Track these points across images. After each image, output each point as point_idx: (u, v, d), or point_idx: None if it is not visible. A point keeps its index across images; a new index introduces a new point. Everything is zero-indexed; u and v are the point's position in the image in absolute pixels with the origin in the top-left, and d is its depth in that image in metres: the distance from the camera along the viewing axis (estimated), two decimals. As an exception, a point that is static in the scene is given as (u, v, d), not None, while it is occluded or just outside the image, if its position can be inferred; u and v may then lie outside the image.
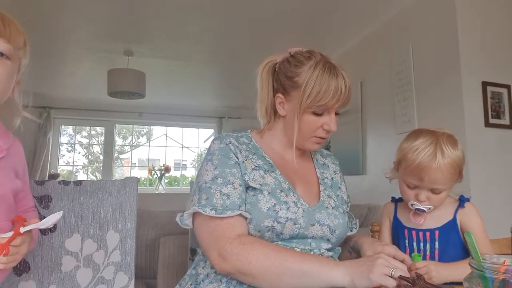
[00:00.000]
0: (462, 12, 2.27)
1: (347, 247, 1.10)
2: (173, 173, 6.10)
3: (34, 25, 3.07)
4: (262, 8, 2.85)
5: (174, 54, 3.84)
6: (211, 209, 0.90)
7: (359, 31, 3.23)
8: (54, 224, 0.67)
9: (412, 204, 1.02)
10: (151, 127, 6.55)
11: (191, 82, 4.84)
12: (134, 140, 7.41)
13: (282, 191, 0.97)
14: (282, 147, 1.09)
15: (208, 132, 6.56)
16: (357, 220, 1.18)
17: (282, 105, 1.04)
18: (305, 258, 0.87)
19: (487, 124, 2.22)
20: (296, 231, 0.94)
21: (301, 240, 0.96)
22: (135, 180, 1.13)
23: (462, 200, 1.04)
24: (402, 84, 2.70)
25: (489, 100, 2.23)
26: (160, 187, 5.55)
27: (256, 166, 1.00)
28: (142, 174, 6.30)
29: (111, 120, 5.75)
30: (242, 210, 0.92)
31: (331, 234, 1.00)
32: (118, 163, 6.42)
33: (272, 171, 1.01)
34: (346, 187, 1.18)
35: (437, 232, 1.03)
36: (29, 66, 0.77)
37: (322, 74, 0.97)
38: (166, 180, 5.94)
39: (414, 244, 1.05)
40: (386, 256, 0.82)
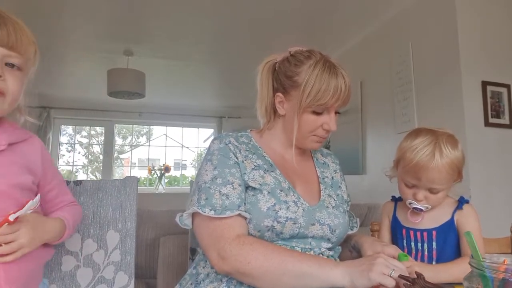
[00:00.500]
0: (462, 12, 2.27)
1: (347, 246, 1.10)
2: (173, 172, 6.10)
3: (34, 25, 3.06)
4: (262, 8, 2.85)
5: (174, 54, 3.84)
6: (210, 209, 0.90)
7: (359, 31, 3.23)
8: (35, 208, 0.67)
9: (410, 203, 1.02)
10: (151, 127, 6.55)
11: (191, 82, 4.84)
12: (134, 140, 7.42)
13: (282, 190, 0.97)
14: (282, 146, 1.09)
15: (208, 132, 6.56)
16: (357, 219, 1.18)
17: (281, 104, 1.04)
18: (304, 259, 0.86)
19: (487, 123, 2.22)
20: (296, 230, 0.94)
21: (301, 239, 0.96)
22: (135, 180, 1.13)
23: (461, 202, 1.04)
24: (402, 84, 2.71)
25: (489, 100, 2.23)
26: (160, 187, 5.55)
27: (255, 166, 1.00)
28: (142, 174, 6.30)
29: (111, 120, 5.75)
30: (241, 210, 0.92)
31: (331, 234, 1.00)
32: (118, 163, 6.42)
33: (272, 171, 1.01)
34: (346, 186, 1.18)
35: (434, 232, 1.03)
36: (35, 70, 0.80)
37: (322, 73, 0.96)
38: (166, 180, 5.94)
39: (412, 244, 1.05)
40: (386, 256, 0.82)
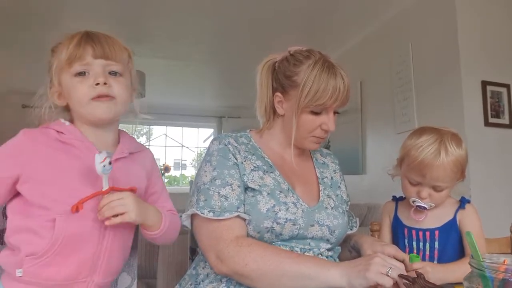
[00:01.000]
0: (462, 12, 2.27)
1: (347, 246, 1.10)
2: (173, 172, 6.10)
3: (34, 25, 3.07)
4: (262, 8, 2.85)
5: (174, 54, 3.84)
6: (209, 210, 0.91)
7: (359, 31, 3.23)
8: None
9: (414, 201, 1.02)
10: (151, 126, 6.55)
11: (191, 82, 4.84)
12: (134, 140, 7.40)
13: (281, 192, 0.97)
14: (281, 146, 1.09)
15: (208, 132, 6.56)
16: (357, 218, 1.18)
17: (281, 104, 1.04)
18: (302, 260, 0.86)
19: (486, 123, 2.22)
20: (295, 231, 0.94)
21: (300, 240, 0.96)
22: (135, 180, 1.13)
23: (463, 202, 1.04)
24: (402, 84, 2.71)
25: (488, 100, 2.23)
26: (160, 187, 5.54)
27: (255, 167, 0.99)
28: (142, 174, 6.29)
29: (111, 120, 5.74)
30: (240, 212, 0.92)
31: (331, 235, 1.00)
32: (118, 163, 6.41)
33: (271, 172, 1.00)
34: (346, 186, 1.18)
35: (437, 232, 1.03)
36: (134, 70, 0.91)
37: (320, 73, 0.96)
38: (166, 180, 5.94)
39: (414, 243, 1.05)
40: (383, 255, 0.82)
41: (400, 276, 0.75)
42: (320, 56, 1.01)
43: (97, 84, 0.78)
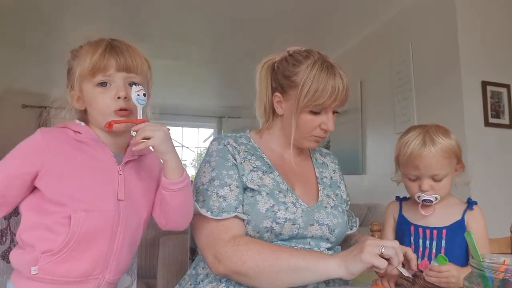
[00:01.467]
0: (462, 12, 2.27)
1: (347, 245, 1.10)
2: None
3: (34, 25, 3.07)
4: (262, 8, 2.85)
5: (174, 54, 3.84)
6: (207, 211, 0.91)
7: (359, 31, 3.23)
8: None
9: (419, 196, 1.03)
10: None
11: (191, 82, 4.84)
12: (134, 140, 7.40)
13: (280, 191, 0.97)
14: (281, 146, 1.09)
15: (208, 132, 6.56)
16: (357, 218, 1.18)
17: (280, 104, 1.04)
18: (299, 253, 0.87)
19: (486, 123, 2.22)
20: (295, 231, 0.94)
21: (300, 240, 0.97)
22: (135, 180, 1.13)
23: (471, 203, 1.06)
24: (402, 84, 2.71)
25: (488, 100, 2.23)
26: (160, 187, 5.54)
27: (254, 167, 1.00)
28: (142, 174, 6.29)
29: (111, 120, 5.74)
30: (238, 212, 0.92)
31: (330, 234, 1.00)
32: (118, 163, 6.41)
33: (270, 172, 1.01)
34: (345, 186, 1.18)
35: (444, 231, 1.03)
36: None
37: (319, 73, 0.97)
38: (166, 180, 5.93)
39: (420, 241, 1.06)
40: (375, 238, 0.83)
41: (400, 276, 0.75)
42: (319, 56, 1.02)
43: (118, 97, 0.81)
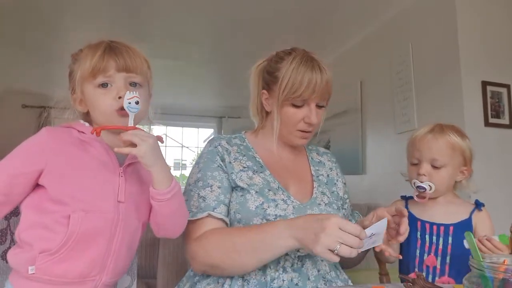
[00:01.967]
0: (462, 12, 2.27)
1: None
2: (173, 172, 6.07)
3: (34, 25, 3.07)
4: (262, 8, 2.85)
5: (174, 54, 3.84)
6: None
7: (359, 31, 3.23)
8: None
9: (414, 183, 1.06)
10: (151, 126, 6.53)
11: (191, 82, 4.84)
12: (134, 140, 7.39)
13: (270, 190, 0.98)
14: (275, 144, 1.10)
15: (208, 132, 6.56)
16: (360, 215, 1.19)
17: (267, 101, 1.07)
18: (252, 231, 0.87)
19: (486, 123, 2.22)
20: None
21: None
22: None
23: (478, 204, 1.09)
24: (402, 84, 2.70)
25: (488, 100, 2.23)
26: (160, 187, 5.53)
27: (244, 167, 1.01)
28: (142, 174, 6.28)
29: (111, 120, 5.73)
30: (216, 211, 0.93)
31: None
32: (118, 163, 6.41)
33: (261, 172, 1.02)
34: (344, 183, 1.18)
35: (451, 227, 1.05)
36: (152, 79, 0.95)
37: (298, 66, 0.98)
38: (166, 180, 5.93)
39: (426, 236, 1.07)
40: (340, 221, 0.75)
41: (400, 276, 0.75)
42: (303, 52, 1.04)
43: (119, 97, 0.82)
